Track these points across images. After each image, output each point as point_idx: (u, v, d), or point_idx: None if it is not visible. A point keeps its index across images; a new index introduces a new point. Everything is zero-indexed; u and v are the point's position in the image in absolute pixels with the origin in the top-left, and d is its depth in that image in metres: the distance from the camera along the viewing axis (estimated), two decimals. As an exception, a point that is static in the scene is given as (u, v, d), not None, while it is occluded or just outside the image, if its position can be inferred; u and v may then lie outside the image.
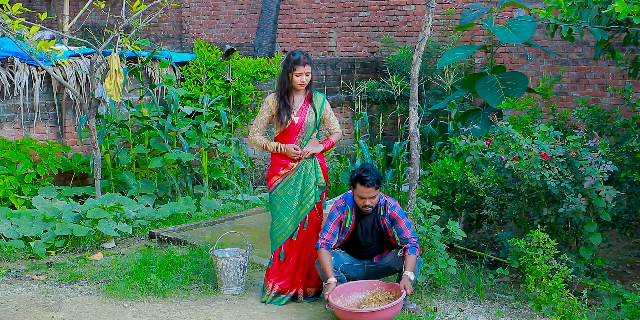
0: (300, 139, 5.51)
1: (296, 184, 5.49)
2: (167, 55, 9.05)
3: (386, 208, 5.35)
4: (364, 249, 5.48)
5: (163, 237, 7.06)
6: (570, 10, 5.79)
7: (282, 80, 5.47)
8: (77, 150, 8.61)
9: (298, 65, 5.38)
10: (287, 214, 5.49)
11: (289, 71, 5.41)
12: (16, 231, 6.77)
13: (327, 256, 5.27)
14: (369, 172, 5.21)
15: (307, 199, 5.49)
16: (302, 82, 5.43)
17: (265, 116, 5.55)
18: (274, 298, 5.51)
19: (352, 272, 5.46)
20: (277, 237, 5.53)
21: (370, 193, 5.22)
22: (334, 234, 5.35)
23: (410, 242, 5.30)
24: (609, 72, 8.70)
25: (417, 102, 6.38)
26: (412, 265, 5.21)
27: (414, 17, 11.22)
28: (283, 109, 5.43)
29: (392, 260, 5.42)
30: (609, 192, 5.29)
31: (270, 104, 5.51)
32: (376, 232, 5.42)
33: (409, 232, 5.34)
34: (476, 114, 7.79)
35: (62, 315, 5.29)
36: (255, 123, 5.60)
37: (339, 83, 10.61)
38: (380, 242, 5.49)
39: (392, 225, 5.37)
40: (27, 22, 7.12)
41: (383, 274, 5.54)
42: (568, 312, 4.97)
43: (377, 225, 5.40)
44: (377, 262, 5.49)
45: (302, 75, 5.40)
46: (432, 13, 6.35)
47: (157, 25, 15.84)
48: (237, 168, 8.90)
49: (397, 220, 5.34)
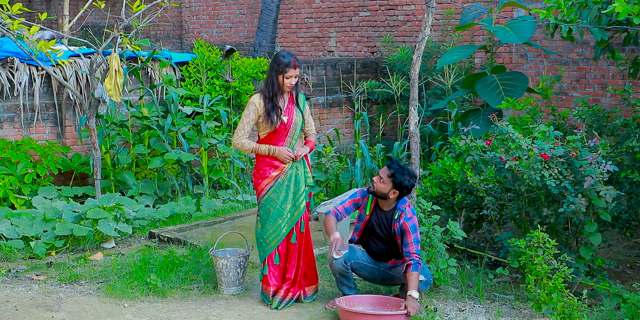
0: (290, 138, 5.44)
1: (289, 186, 5.42)
2: (167, 55, 9.05)
3: (401, 216, 5.26)
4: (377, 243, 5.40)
5: (163, 237, 7.06)
6: (570, 10, 5.79)
7: (271, 82, 5.37)
8: (77, 150, 8.61)
9: (289, 67, 5.31)
10: (280, 216, 5.41)
11: (278, 73, 5.33)
12: (16, 231, 6.77)
13: (333, 220, 5.33)
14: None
15: (300, 199, 5.45)
16: (290, 85, 5.37)
17: (252, 118, 5.38)
18: (280, 303, 5.47)
19: (367, 273, 5.42)
20: (270, 240, 5.44)
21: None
22: (347, 210, 5.41)
23: (413, 259, 5.15)
24: (609, 72, 8.70)
25: (417, 102, 6.38)
26: (415, 283, 5.09)
27: (414, 17, 11.22)
28: (273, 110, 5.34)
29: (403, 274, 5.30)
30: (609, 192, 5.29)
31: (257, 104, 5.37)
32: (389, 228, 5.36)
33: (414, 247, 5.19)
34: (476, 114, 7.79)
35: (62, 315, 5.29)
36: (241, 126, 5.40)
37: (339, 83, 10.61)
38: (391, 245, 5.41)
39: (401, 235, 5.27)
40: (27, 22, 7.12)
41: (397, 282, 5.46)
42: (568, 312, 4.97)
43: (390, 225, 5.35)
44: (391, 268, 5.43)
45: (291, 78, 5.35)
46: (432, 13, 6.35)
47: (157, 25, 15.84)
48: (237, 168, 8.91)
49: (407, 232, 5.22)
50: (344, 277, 5.30)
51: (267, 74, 5.43)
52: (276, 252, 5.47)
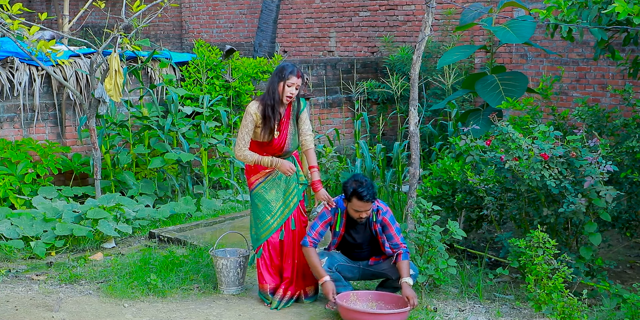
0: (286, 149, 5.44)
1: (279, 184, 5.45)
2: (167, 55, 9.05)
3: (378, 213, 5.33)
4: (356, 250, 5.49)
5: (163, 237, 7.06)
6: (570, 10, 5.79)
7: (272, 89, 5.32)
8: (77, 150, 8.61)
9: (292, 75, 5.29)
10: (269, 213, 5.44)
11: (281, 79, 5.30)
12: (16, 231, 6.77)
13: (314, 255, 5.27)
14: (364, 185, 5.13)
15: (290, 197, 5.47)
16: (291, 94, 5.32)
17: (250, 128, 5.35)
18: (279, 302, 5.47)
19: (348, 272, 5.47)
20: (261, 232, 5.47)
21: (366, 207, 5.20)
22: (321, 234, 5.36)
23: (401, 248, 5.30)
24: (609, 72, 8.70)
25: (417, 102, 6.38)
26: (407, 270, 5.22)
27: (414, 17, 11.22)
28: (269, 121, 5.31)
29: (388, 268, 5.40)
30: (609, 192, 5.29)
31: (253, 114, 5.32)
32: (367, 236, 5.42)
33: (399, 238, 5.33)
34: (476, 114, 7.79)
35: (62, 315, 5.29)
36: (241, 136, 5.35)
37: (339, 83, 10.61)
38: (372, 246, 5.48)
39: (382, 231, 5.35)
40: (27, 22, 7.13)
41: (378, 277, 5.55)
42: (568, 312, 4.97)
43: (369, 230, 5.40)
44: (372, 265, 5.49)
45: (293, 87, 5.31)
46: (432, 13, 6.35)
47: (157, 25, 15.84)
48: (237, 168, 8.90)
49: (387, 226, 5.33)
50: (335, 280, 5.33)
51: (269, 82, 5.40)
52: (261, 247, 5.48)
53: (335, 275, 5.34)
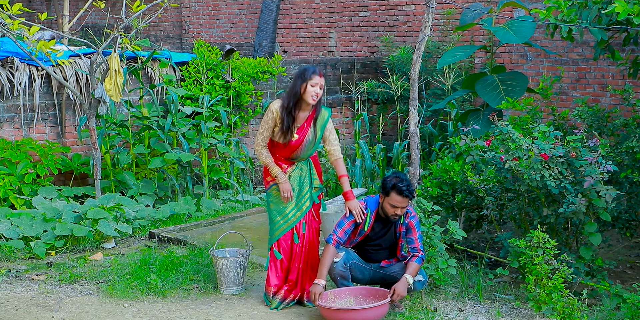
0: (299, 152, 5.42)
1: (292, 187, 5.44)
2: (167, 55, 9.05)
3: (407, 216, 5.35)
4: (372, 252, 5.47)
5: (163, 237, 7.06)
6: (570, 10, 5.79)
7: (294, 91, 5.28)
8: (77, 150, 8.61)
9: (315, 75, 5.24)
10: (280, 213, 5.45)
11: (303, 81, 5.23)
12: (16, 231, 6.77)
13: (331, 255, 5.23)
14: (404, 181, 5.19)
15: (303, 201, 5.46)
16: (316, 93, 5.24)
17: (270, 125, 5.35)
18: (280, 303, 5.46)
19: (359, 272, 5.43)
20: (274, 231, 5.48)
21: (404, 203, 5.22)
22: (346, 232, 5.34)
23: (418, 253, 5.30)
24: (609, 72, 8.70)
25: (417, 102, 6.38)
26: (414, 271, 5.21)
27: (414, 17, 11.22)
28: (286, 123, 5.29)
29: (398, 271, 5.37)
30: (609, 192, 5.29)
31: (274, 111, 5.31)
32: (389, 238, 5.42)
33: (419, 244, 5.34)
34: (476, 114, 7.79)
35: (62, 315, 5.29)
36: (260, 131, 5.41)
37: (339, 83, 10.61)
38: (390, 250, 5.48)
39: (405, 234, 5.37)
40: (27, 22, 7.12)
41: (388, 280, 5.47)
42: (568, 312, 4.97)
43: (393, 232, 5.41)
44: (384, 267, 5.46)
45: (317, 86, 5.24)
46: (432, 13, 6.35)
47: (157, 25, 15.84)
48: (237, 168, 8.91)
49: (412, 229, 5.34)
50: (343, 278, 5.33)
51: (291, 85, 5.35)
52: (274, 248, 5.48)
53: (344, 272, 5.32)
